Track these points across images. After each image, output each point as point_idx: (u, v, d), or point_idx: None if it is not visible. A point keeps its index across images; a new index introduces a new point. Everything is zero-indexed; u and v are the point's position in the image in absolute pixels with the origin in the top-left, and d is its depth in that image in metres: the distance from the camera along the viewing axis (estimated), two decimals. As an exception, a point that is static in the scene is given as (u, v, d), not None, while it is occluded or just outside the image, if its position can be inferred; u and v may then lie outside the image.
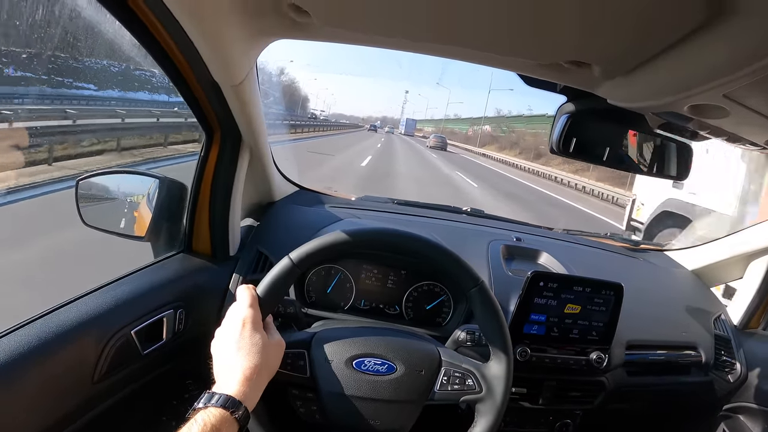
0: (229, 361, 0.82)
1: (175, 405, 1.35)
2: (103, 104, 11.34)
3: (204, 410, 0.73)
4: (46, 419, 0.89)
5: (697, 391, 1.56)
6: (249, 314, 0.86)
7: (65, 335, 0.92)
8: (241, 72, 1.05)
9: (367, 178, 14.11)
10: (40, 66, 8.07)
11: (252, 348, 0.82)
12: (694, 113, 0.74)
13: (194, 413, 0.73)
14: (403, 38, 0.86)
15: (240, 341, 0.83)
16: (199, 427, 0.69)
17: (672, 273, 1.83)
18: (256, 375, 0.80)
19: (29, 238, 3.72)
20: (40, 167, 5.90)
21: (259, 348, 0.83)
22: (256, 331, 0.84)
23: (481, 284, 0.95)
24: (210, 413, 0.72)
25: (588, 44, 0.72)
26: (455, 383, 0.95)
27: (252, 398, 0.79)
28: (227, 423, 0.72)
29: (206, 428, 0.69)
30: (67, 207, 1.29)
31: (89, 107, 10.43)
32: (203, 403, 0.74)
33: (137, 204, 1.35)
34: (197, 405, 0.74)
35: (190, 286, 1.25)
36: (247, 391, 0.78)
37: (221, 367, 0.83)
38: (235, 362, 0.81)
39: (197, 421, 0.70)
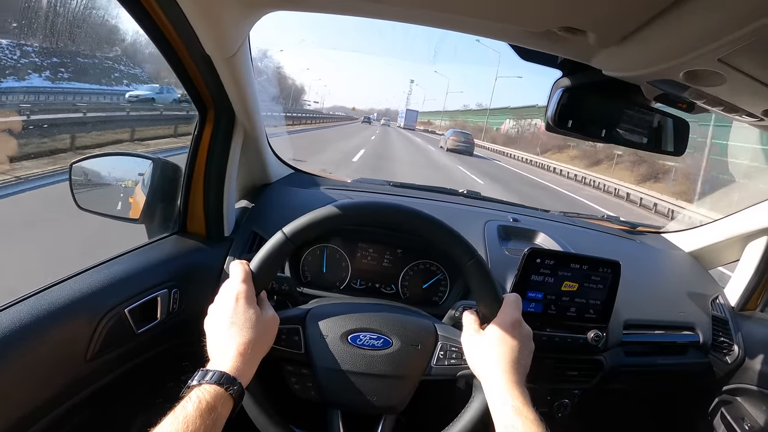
0: (222, 338, 0.81)
1: (171, 387, 1.35)
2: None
3: (198, 387, 0.72)
4: (39, 396, 0.89)
5: (694, 372, 1.56)
6: (242, 289, 0.85)
7: (58, 312, 0.92)
8: (234, 44, 1.03)
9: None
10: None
11: (246, 323, 0.81)
12: (690, 80, 0.74)
13: (188, 391, 0.72)
14: (394, 6, 0.85)
15: (233, 317, 0.82)
16: (193, 404, 0.68)
17: (669, 255, 1.83)
18: (250, 350, 0.79)
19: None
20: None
21: (253, 323, 0.82)
22: (250, 306, 0.83)
23: (477, 257, 0.94)
24: (204, 390, 0.71)
25: (581, 8, 0.71)
26: (452, 358, 0.94)
27: (247, 374, 0.78)
28: (222, 399, 0.71)
29: (201, 405, 0.68)
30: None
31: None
32: (197, 381, 0.73)
33: (131, 186, 1.34)
34: (191, 382, 0.73)
35: (184, 266, 1.24)
36: (241, 366, 0.77)
37: (215, 344, 0.82)
38: (229, 338, 0.80)
39: (191, 399, 0.69)
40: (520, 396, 0.81)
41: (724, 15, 0.55)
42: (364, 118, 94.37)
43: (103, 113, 9.55)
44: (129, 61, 11.13)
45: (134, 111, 11.37)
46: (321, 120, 50.77)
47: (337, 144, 23.26)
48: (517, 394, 0.81)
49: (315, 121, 45.92)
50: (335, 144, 23.08)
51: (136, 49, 11.10)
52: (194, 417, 0.67)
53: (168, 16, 0.92)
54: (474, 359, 0.90)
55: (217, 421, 0.69)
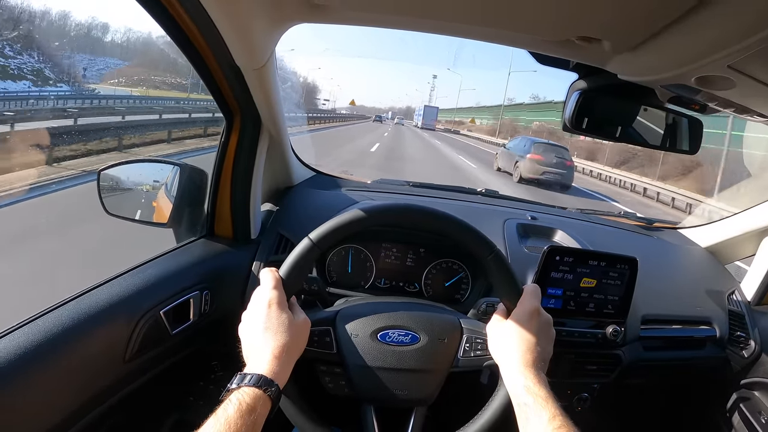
0: (257, 343, 0.84)
1: (203, 386, 1.39)
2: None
3: (237, 390, 0.75)
4: (81, 397, 0.93)
5: (711, 367, 1.58)
6: (274, 296, 0.88)
7: (98, 316, 0.96)
8: (263, 55, 1.07)
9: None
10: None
11: (279, 328, 0.84)
12: (701, 85, 0.76)
13: (228, 394, 0.75)
14: (418, 18, 0.88)
15: (267, 322, 0.85)
16: (234, 407, 0.71)
17: (686, 250, 1.84)
18: (284, 354, 0.82)
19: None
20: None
21: (286, 327, 0.85)
22: (282, 312, 0.87)
23: (496, 251, 0.97)
24: (244, 393, 0.74)
25: (597, 19, 0.74)
26: (477, 349, 0.97)
27: (282, 376, 0.81)
28: (261, 401, 0.74)
29: (242, 407, 0.71)
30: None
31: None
32: (236, 384, 0.76)
33: (157, 191, 1.38)
34: (230, 386, 0.76)
35: (214, 269, 1.28)
36: (277, 369, 0.80)
37: (250, 349, 0.85)
38: (264, 343, 0.83)
39: (232, 402, 0.72)
40: (533, 376, 0.85)
41: (732, 24, 0.57)
42: (375, 117, 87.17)
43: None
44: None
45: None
46: (326, 120, 46.12)
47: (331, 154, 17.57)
48: (530, 374, 0.85)
49: (320, 121, 42.13)
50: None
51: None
52: (235, 418, 0.70)
53: (200, 29, 0.96)
54: (494, 346, 0.94)
55: (257, 422, 0.73)
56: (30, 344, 0.84)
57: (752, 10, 0.53)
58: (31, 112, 6.43)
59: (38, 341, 0.85)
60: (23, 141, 5.14)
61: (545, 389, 0.83)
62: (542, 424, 0.77)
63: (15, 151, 4.88)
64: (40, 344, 0.85)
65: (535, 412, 0.79)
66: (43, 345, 0.85)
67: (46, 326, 0.88)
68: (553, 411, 0.78)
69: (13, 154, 4.82)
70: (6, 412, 0.79)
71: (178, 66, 11.99)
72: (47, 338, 0.86)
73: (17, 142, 5.16)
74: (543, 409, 0.79)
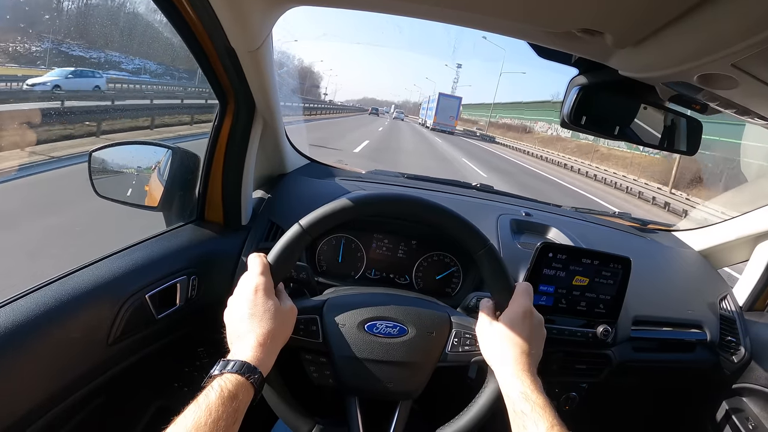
0: (242, 328, 0.83)
1: (188, 372, 1.38)
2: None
3: (220, 377, 0.74)
4: (62, 379, 0.92)
5: (701, 370, 1.58)
6: (260, 281, 0.86)
7: (81, 297, 0.95)
8: (259, 37, 1.05)
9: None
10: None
11: (264, 314, 0.83)
12: (704, 83, 0.75)
13: (210, 380, 0.74)
14: (418, 3, 0.86)
15: (252, 308, 0.84)
16: (216, 393, 0.70)
17: (679, 253, 1.84)
18: (269, 341, 0.81)
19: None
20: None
21: (272, 314, 0.84)
22: (268, 298, 0.85)
23: (489, 246, 0.96)
24: (226, 379, 0.73)
25: (602, 11, 0.73)
26: (466, 344, 0.96)
27: (266, 363, 0.80)
28: (243, 388, 0.73)
29: (223, 394, 0.70)
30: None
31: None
32: (219, 370, 0.75)
33: (150, 175, 1.36)
34: (213, 372, 0.75)
35: (202, 254, 1.26)
36: (261, 356, 0.79)
37: (234, 335, 0.84)
38: (248, 329, 0.82)
39: (213, 388, 0.71)
40: (530, 382, 0.83)
41: (737, 22, 0.56)
42: (372, 109, 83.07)
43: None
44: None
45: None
46: (319, 111, 42.36)
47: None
48: (527, 380, 0.83)
49: (311, 112, 38.45)
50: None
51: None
52: (217, 405, 0.69)
53: (195, 8, 0.94)
54: (487, 348, 0.92)
55: (239, 409, 0.71)
56: (11, 324, 0.82)
57: (759, 8, 0.52)
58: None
59: (19, 321, 0.83)
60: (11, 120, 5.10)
61: (543, 396, 0.81)
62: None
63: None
64: (22, 324, 0.83)
65: (533, 421, 0.78)
66: (25, 325, 0.84)
67: (28, 306, 0.86)
68: (551, 420, 0.77)
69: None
70: None
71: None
72: (29, 318, 0.85)
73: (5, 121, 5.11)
74: (541, 418, 0.77)
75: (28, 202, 4.21)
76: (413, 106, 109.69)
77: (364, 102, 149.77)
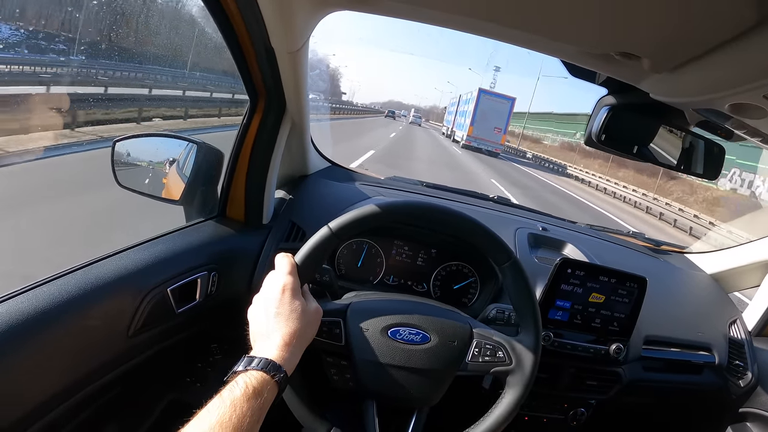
0: (267, 327, 0.83)
1: (200, 367, 1.38)
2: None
3: (245, 373, 0.74)
4: (82, 368, 0.92)
5: (708, 393, 1.58)
6: (288, 281, 0.87)
7: (105, 287, 0.95)
8: (300, 39, 1.07)
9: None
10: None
11: (291, 314, 0.84)
12: (734, 112, 0.76)
13: (234, 376, 0.74)
14: (460, 15, 0.87)
15: (279, 307, 0.84)
16: (241, 389, 0.70)
17: (691, 275, 1.85)
18: (295, 341, 0.82)
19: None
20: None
21: (298, 314, 0.84)
22: (295, 298, 0.86)
23: (515, 259, 0.97)
24: (251, 376, 0.73)
25: (642, 37, 0.74)
26: (486, 355, 0.96)
27: (291, 363, 0.80)
28: (268, 386, 0.74)
29: (248, 390, 0.71)
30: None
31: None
32: (243, 367, 0.75)
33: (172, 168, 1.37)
34: (237, 368, 0.75)
35: (223, 251, 1.27)
36: (286, 356, 0.79)
37: (259, 333, 0.84)
38: (274, 328, 0.82)
39: (238, 384, 0.71)
40: None
41: None
42: (388, 112, 76.12)
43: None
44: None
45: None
46: (339, 112, 41.46)
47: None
48: None
49: (335, 112, 38.39)
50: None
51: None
52: (241, 401, 0.69)
53: (239, 6, 0.95)
54: None
55: (263, 407, 0.72)
56: (33, 310, 0.82)
57: None
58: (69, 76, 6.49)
59: (42, 308, 0.84)
60: (56, 102, 5.26)
61: None
62: None
63: (48, 111, 4.99)
64: (44, 311, 0.84)
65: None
66: (47, 312, 0.84)
67: (51, 293, 0.87)
68: None
69: (47, 114, 4.93)
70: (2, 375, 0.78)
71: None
72: (51, 305, 0.85)
73: (50, 103, 5.26)
74: None
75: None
76: (441, 112, 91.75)
77: (388, 105, 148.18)
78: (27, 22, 5.70)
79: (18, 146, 4.21)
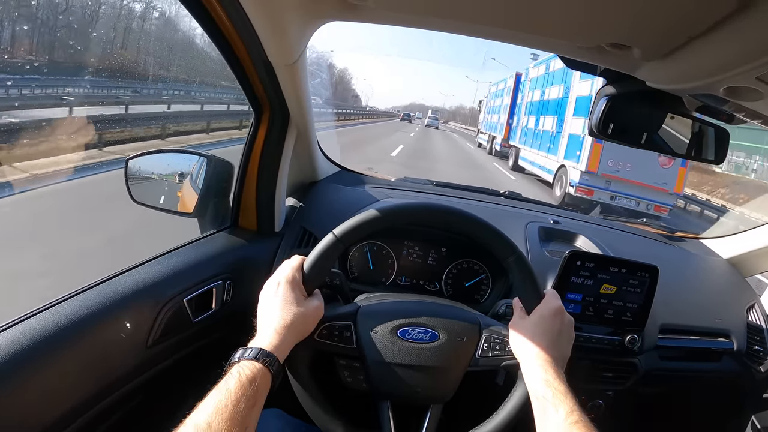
0: (263, 316, 0.88)
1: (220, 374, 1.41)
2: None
3: (238, 363, 0.77)
4: (103, 380, 0.95)
5: (728, 380, 1.57)
6: (288, 274, 0.91)
7: (123, 300, 0.99)
8: (296, 52, 1.09)
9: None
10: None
11: (286, 305, 0.87)
12: (730, 95, 0.77)
13: (230, 367, 0.77)
14: (451, 19, 0.89)
15: (274, 297, 0.88)
16: (234, 378, 0.73)
17: (707, 261, 1.83)
18: (285, 330, 0.84)
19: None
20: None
21: (293, 305, 0.87)
22: (292, 290, 0.89)
23: (518, 253, 0.98)
24: (243, 365, 0.76)
25: (629, 27, 0.75)
26: (495, 349, 0.98)
27: (282, 350, 0.83)
28: (261, 373, 0.76)
29: (242, 380, 0.73)
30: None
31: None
32: (237, 357, 0.79)
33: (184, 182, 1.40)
34: (232, 359, 0.79)
35: (237, 260, 1.30)
36: (276, 343, 0.82)
37: (259, 323, 0.88)
38: (269, 316, 0.86)
39: (232, 374, 0.74)
40: (553, 371, 0.86)
41: (761, 37, 0.58)
42: (404, 115, 71.70)
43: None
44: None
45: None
46: (344, 117, 36.76)
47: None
48: (550, 369, 0.86)
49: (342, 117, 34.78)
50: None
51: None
52: (236, 388, 0.72)
53: (234, 23, 0.98)
54: (516, 342, 0.95)
55: (258, 392, 0.74)
56: (55, 326, 0.86)
57: None
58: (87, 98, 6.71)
59: (63, 324, 0.87)
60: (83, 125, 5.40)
61: (564, 384, 0.83)
62: (559, 418, 0.78)
63: (74, 133, 5.09)
64: (65, 327, 0.87)
65: (552, 405, 0.80)
66: (68, 328, 0.87)
67: (72, 309, 0.90)
68: (571, 405, 0.79)
69: (73, 136, 5.03)
70: (28, 391, 0.81)
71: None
72: (72, 321, 0.89)
73: (76, 124, 5.39)
74: (562, 403, 0.80)
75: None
76: (468, 112, 78.60)
77: (410, 107, 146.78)
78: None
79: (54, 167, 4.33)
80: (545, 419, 0.81)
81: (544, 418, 0.81)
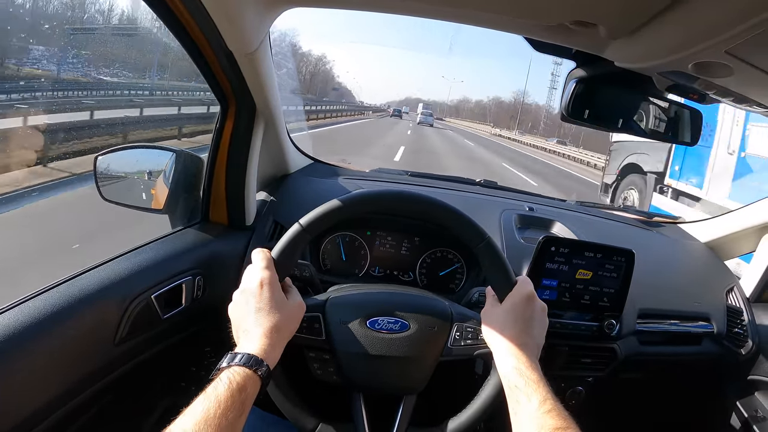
0: (248, 322, 0.84)
1: (195, 371, 1.39)
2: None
3: (228, 369, 0.75)
4: (70, 378, 0.93)
5: (708, 363, 1.57)
6: (266, 275, 0.87)
7: (88, 298, 0.96)
8: (255, 40, 1.07)
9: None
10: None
11: (271, 309, 0.84)
12: (699, 72, 0.76)
13: (218, 372, 0.75)
14: (414, 1, 0.87)
15: (259, 302, 0.85)
16: (224, 385, 0.71)
17: (685, 245, 1.83)
18: (275, 334, 0.82)
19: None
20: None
21: (278, 308, 0.85)
22: (275, 292, 0.86)
23: (487, 239, 0.96)
24: (234, 371, 0.74)
25: (593, 3, 0.74)
26: (468, 338, 0.96)
27: (273, 356, 0.81)
28: (251, 380, 0.74)
29: (232, 386, 0.71)
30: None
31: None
32: (227, 363, 0.76)
33: (155, 178, 1.38)
34: (221, 365, 0.76)
35: (208, 254, 1.28)
36: (268, 349, 0.80)
37: (241, 329, 0.85)
38: (255, 322, 0.83)
39: (222, 380, 0.72)
40: (525, 359, 0.84)
41: (729, 8, 0.57)
42: (394, 111, 66.48)
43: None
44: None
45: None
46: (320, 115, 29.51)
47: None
48: (522, 357, 0.85)
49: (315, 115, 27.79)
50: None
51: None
52: (225, 396, 0.69)
53: (191, 13, 0.95)
54: (488, 331, 0.93)
55: (246, 401, 0.72)
56: (19, 325, 0.84)
57: None
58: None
59: (28, 323, 0.85)
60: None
61: (537, 372, 0.82)
62: (532, 407, 0.77)
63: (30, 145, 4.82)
64: (29, 325, 0.85)
65: (525, 394, 0.79)
66: (32, 326, 0.85)
67: (36, 308, 0.88)
68: (544, 394, 0.78)
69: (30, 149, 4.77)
70: None
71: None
72: (37, 320, 0.86)
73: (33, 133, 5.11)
74: (534, 392, 0.78)
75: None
76: (474, 107, 70.23)
77: (407, 102, 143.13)
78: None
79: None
80: (518, 409, 0.79)
81: (517, 407, 0.80)
